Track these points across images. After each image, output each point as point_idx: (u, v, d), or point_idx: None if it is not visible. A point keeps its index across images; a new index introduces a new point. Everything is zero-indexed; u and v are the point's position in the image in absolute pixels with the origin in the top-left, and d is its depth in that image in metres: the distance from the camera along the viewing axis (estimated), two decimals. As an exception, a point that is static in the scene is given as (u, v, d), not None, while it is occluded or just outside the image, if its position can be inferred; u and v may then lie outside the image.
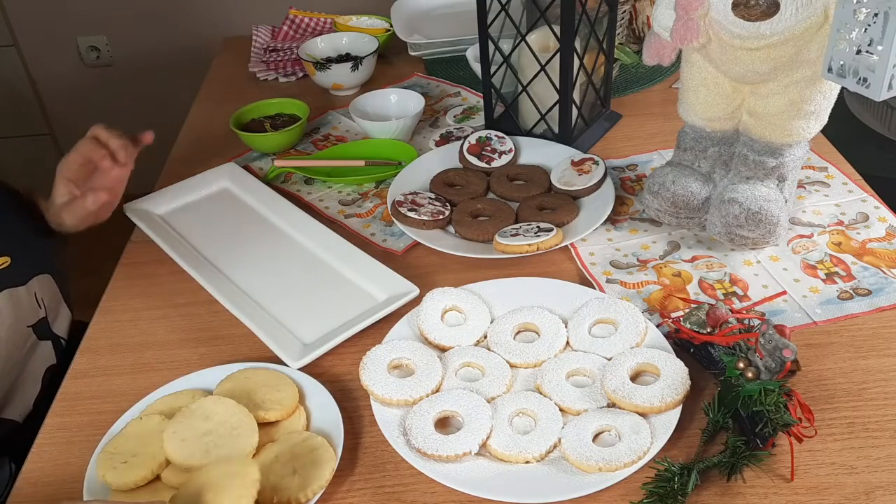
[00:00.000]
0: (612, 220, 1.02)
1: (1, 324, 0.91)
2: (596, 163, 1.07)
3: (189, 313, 0.94)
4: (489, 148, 1.14)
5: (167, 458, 0.71)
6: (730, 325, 0.78)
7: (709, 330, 0.79)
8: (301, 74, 1.48)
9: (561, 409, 0.75)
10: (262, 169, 1.20)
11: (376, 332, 0.86)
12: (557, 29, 1.05)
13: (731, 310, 0.81)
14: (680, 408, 0.73)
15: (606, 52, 1.17)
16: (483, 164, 1.12)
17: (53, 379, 0.99)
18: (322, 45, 1.45)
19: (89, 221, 1.00)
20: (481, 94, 1.27)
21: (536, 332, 0.85)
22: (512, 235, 0.95)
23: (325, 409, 0.77)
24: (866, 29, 0.71)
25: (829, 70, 0.76)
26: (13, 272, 0.94)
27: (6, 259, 0.93)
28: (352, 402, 0.79)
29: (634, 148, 1.18)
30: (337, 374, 0.83)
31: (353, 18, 1.57)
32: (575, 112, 1.14)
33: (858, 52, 0.73)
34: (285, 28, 1.64)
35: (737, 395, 0.71)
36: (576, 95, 1.13)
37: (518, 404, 0.76)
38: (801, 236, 0.97)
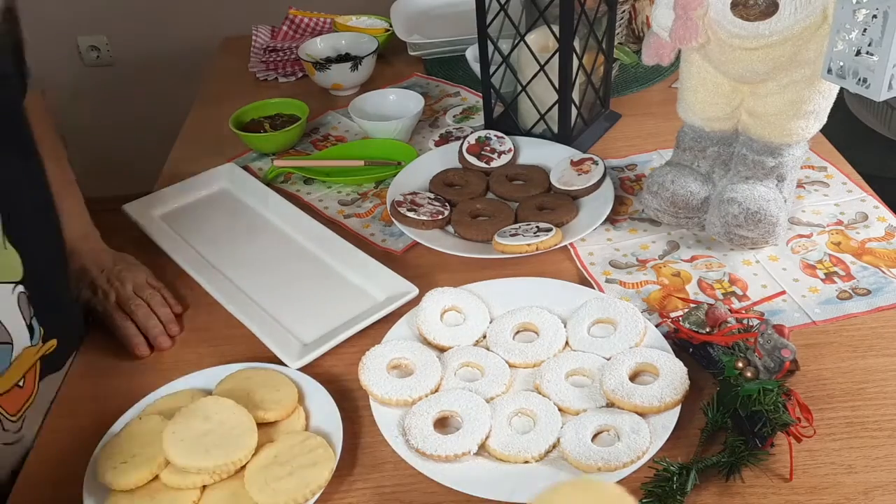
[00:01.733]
0: (612, 219, 1.02)
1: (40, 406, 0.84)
2: (595, 163, 1.07)
3: (189, 313, 0.94)
4: (488, 148, 1.14)
5: (166, 458, 0.71)
6: (729, 325, 0.78)
7: (708, 330, 0.79)
8: (301, 74, 1.48)
9: (560, 409, 0.75)
10: (262, 169, 1.20)
11: (376, 332, 0.86)
12: (556, 29, 1.05)
13: (730, 309, 0.81)
14: (679, 408, 0.73)
15: (606, 51, 1.17)
16: (482, 164, 1.12)
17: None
18: (322, 45, 1.45)
19: None
20: (481, 94, 1.27)
21: (535, 332, 0.85)
22: (511, 235, 0.96)
23: (324, 409, 0.77)
24: (865, 30, 0.71)
25: (829, 71, 0.76)
26: (55, 355, 0.84)
27: (52, 342, 0.83)
28: (351, 402, 0.79)
29: (634, 148, 1.18)
30: (336, 374, 0.83)
31: (352, 18, 1.57)
32: (574, 112, 1.14)
33: (858, 52, 0.73)
34: (285, 28, 1.64)
35: (736, 395, 0.71)
36: (575, 95, 1.13)
37: (517, 404, 0.76)
38: (801, 236, 0.97)
